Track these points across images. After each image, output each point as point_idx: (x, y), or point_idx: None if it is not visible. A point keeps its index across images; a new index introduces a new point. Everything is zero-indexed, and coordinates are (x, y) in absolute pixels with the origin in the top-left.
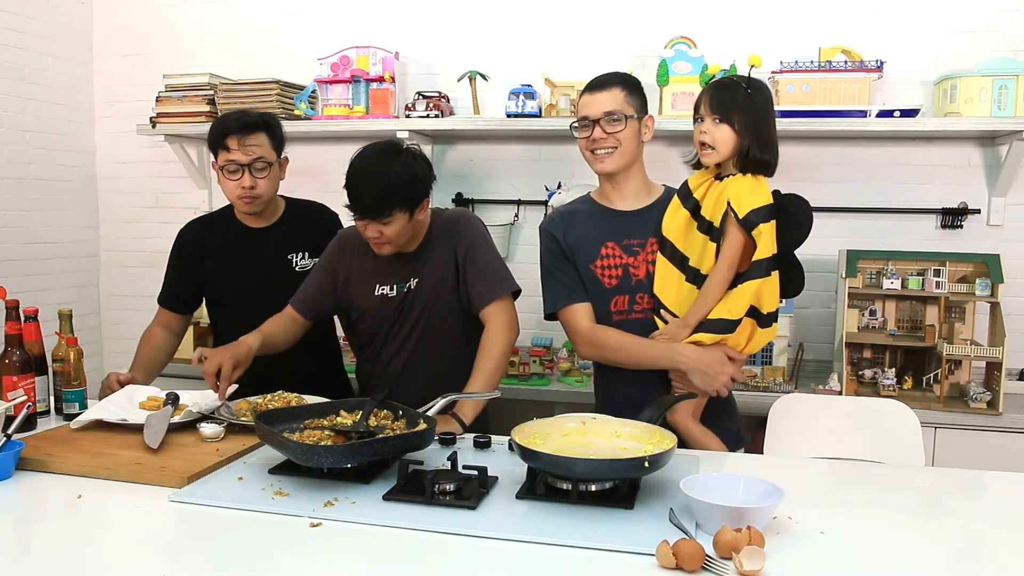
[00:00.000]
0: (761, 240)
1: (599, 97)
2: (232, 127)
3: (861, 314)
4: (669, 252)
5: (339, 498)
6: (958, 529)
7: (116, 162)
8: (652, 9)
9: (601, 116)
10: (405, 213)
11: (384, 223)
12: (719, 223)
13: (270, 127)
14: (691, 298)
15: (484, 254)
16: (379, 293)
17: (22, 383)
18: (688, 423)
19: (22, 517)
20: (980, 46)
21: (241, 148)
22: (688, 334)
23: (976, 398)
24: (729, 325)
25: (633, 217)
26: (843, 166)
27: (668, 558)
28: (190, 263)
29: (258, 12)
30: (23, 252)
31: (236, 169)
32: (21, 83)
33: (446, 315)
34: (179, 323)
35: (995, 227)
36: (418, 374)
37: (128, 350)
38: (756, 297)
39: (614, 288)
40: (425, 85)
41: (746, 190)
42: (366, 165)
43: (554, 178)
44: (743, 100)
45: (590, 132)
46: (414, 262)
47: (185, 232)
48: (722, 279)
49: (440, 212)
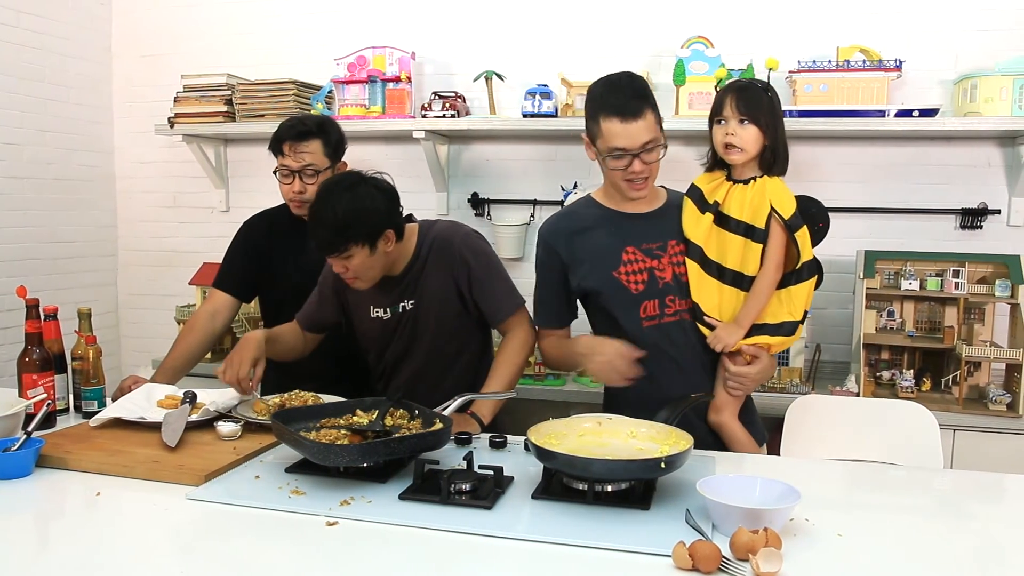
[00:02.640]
0: (804, 242)
1: (634, 128)
2: (287, 134)
3: (879, 315)
4: (699, 257)
5: (355, 497)
6: (977, 532)
7: (134, 162)
8: (669, 8)
9: (639, 149)
10: (364, 247)
11: (345, 258)
12: (763, 224)
13: (326, 133)
14: (735, 301)
15: (490, 272)
16: (374, 315)
17: (42, 381)
18: (734, 424)
19: (41, 514)
20: (1000, 45)
21: (293, 155)
22: (742, 336)
23: (996, 400)
24: (794, 327)
25: (648, 220)
26: (861, 166)
27: (684, 559)
28: (256, 251)
29: (275, 13)
30: (43, 251)
31: (288, 174)
32: (41, 84)
33: (453, 331)
34: (229, 310)
35: (1015, 228)
36: (434, 386)
37: (146, 349)
38: (808, 298)
39: (642, 294)
40: (441, 85)
41: (784, 193)
42: (319, 201)
43: (570, 178)
44: (766, 102)
45: (627, 163)
46: (405, 283)
47: (253, 222)
48: (772, 280)
49: (428, 228)
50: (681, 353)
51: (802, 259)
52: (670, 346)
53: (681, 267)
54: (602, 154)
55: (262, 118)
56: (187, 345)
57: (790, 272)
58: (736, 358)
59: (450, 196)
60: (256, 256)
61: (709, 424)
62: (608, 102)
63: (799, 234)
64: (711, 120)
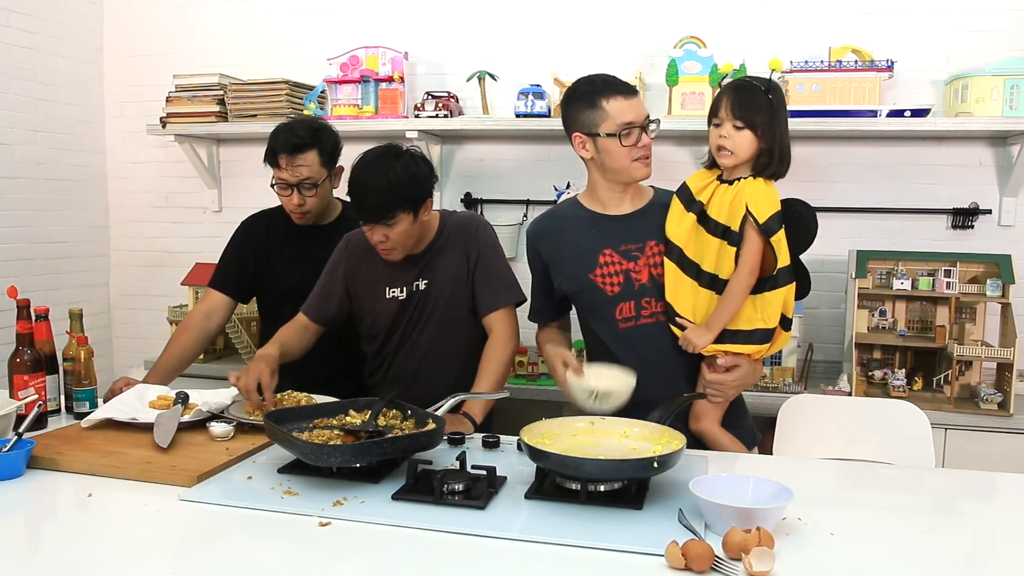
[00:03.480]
0: (780, 247)
1: (637, 103)
2: (282, 147)
3: (871, 314)
4: (677, 258)
5: (348, 497)
6: (968, 531)
7: (126, 162)
8: (661, 9)
9: (645, 122)
10: (409, 214)
11: (389, 226)
12: (737, 227)
13: (320, 141)
14: (709, 303)
15: (495, 261)
16: (390, 296)
17: (33, 382)
18: (716, 431)
19: (33, 515)
20: (991, 46)
21: (289, 168)
22: (711, 340)
23: (987, 399)
24: (767, 335)
25: (627, 221)
26: (853, 166)
27: (677, 559)
28: (254, 251)
29: (268, 12)
30: (34, 251)
31: (286, 187)
32: (32, 83)
33: (459, 316)
34: (224, 310)
35: (1006, 227)
36: (435, 374)
37: (138, 349)
38: (785, 304)
39: (617, 296)
40: (434, 85)
41: (762, 195)
42: (367, 170)
43: (563, 178)
44: (764, 104)
45: (637, 138)
46: (422, 263)
47: (251, 222)
48: (744, 285)
49: (450, 215)
50: (659, 354)
51: (779, 264)
52: (648, 348)
53: (658, 268)
54: (611, 134)
55: (254, 118)
56: (181, 345)
57: (766, 278)
58: (713, 365)
59: (443, 196)
60: (253, 256)
61: (691, 432)
62: (608, 85)
63: (775, 239)
64: (709, 120)
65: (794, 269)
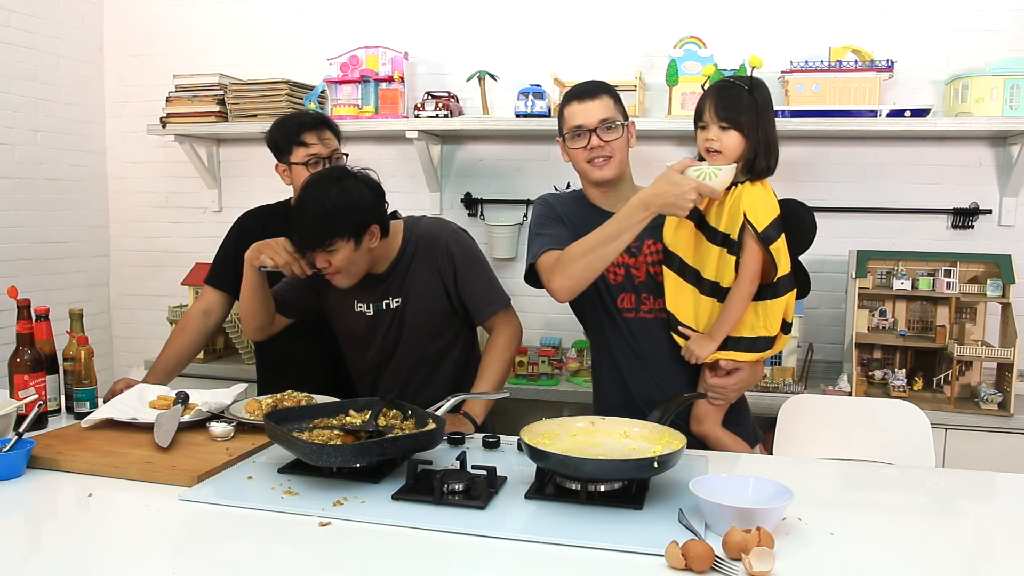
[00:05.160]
0: (780, 255)
1: (591, 106)
2: (308, 123)
3: (871, 315)
4: (678, 266)
5: (348, 497)
6: (968, 531)
7: (126, 162)
8: (661, 9)
9: (597, 124)
10: (349, 241)
11: (328, 252)
12: (736, 235)
13: (332, 123)
14: (711, 311)
15: (474, 273)
16: (358, 310)
17: (33, 382)
18: (718, 432)
19: (33, 515)
20: (992, 46)
21: (321, 142)
22: (714, 350)
23: (987, 399)
24: (770, 342)
25: None
26: (853, 166)
27: (677, 559)
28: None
29: (268, 12)
30: (34, 252)
31: (318, 162)
32: (32, 83)
33: (438, 330)
34: (222, 307)
35: (1007, 227)
36: (416, 390)
37: (138, 349)
38: (786, 310)
39: (619, 285)
40: (434, 85)
41: (760, 201)
42: (305, 194)
43: (563, 178)
44: (748, 103)
45: (587, 141)
46: (390, 280)
47: (247, 217)
48: (746, 294)
49: (415, 223)
50: (660, 351)
51: (779, 273)
52: (649, 343)
53: (656, 267)
54: (566, 140)
55: (254, 118)
56: (179, 345)
57: (766, 286)
58: (715, 369)
59: (443, 196)
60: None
61: (693, 435)
62: (570, 92)
63: (775, 247)
64: (695, 123)
65: (794, 270)
